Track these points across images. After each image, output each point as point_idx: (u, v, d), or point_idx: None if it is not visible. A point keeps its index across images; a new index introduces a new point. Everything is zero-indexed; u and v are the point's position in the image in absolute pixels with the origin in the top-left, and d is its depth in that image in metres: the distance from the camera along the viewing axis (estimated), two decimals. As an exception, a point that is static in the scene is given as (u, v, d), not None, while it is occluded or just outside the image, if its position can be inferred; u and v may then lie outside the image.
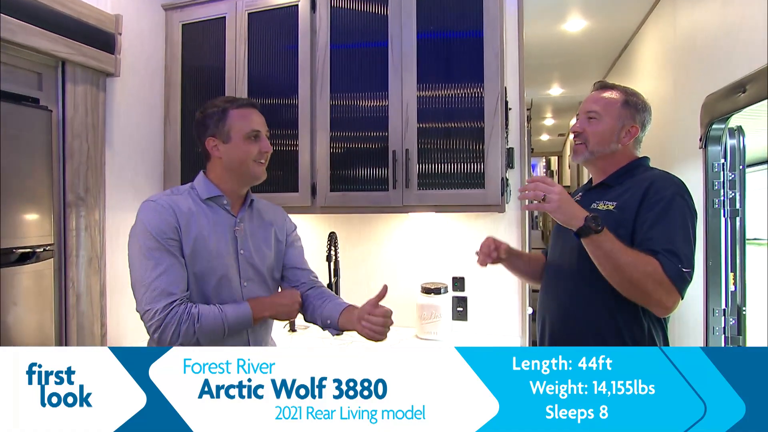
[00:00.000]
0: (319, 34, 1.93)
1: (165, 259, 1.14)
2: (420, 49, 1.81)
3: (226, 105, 1.25)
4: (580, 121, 1.32)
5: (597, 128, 1.28)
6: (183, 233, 1.18)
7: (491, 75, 1.73)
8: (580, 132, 1.30)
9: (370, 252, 2.17)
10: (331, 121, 1.91)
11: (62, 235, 1.66)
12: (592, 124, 1.29)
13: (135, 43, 1.99)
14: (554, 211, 1.12)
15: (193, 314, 1.13)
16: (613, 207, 1.22)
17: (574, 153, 1.34)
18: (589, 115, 1.30)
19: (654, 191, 1.17)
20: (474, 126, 1.76)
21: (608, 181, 1.30)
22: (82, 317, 1.70)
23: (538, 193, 1.14)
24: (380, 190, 1.84)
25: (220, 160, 1.26)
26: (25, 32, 1.49)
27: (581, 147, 1.30)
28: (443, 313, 1.94)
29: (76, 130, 1.67)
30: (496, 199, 1.73)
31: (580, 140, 1.30)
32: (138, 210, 1.20)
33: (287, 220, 1.44)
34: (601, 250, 1.11)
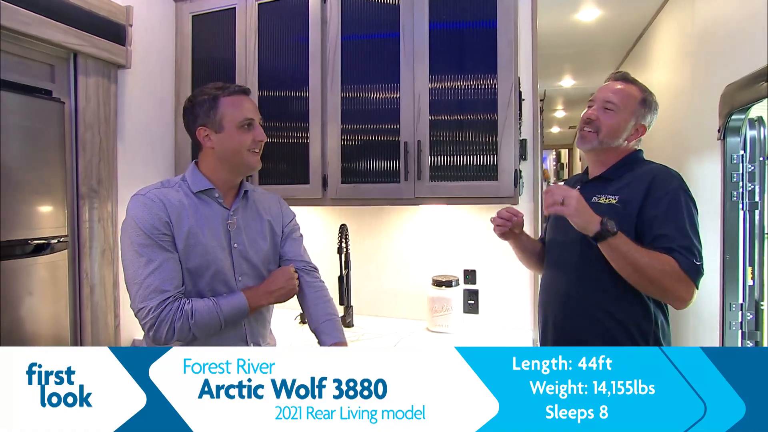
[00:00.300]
0: (330, 25, 1.91)
1: (157, 255, 1.11)
2: (432, 40, 1.79)
3: (216, 92, 1.20)
4: (596, 108, 1.29)
5: (612, 120, 1.26)
6: (174, 227, 1.14)
7: (505, 64, 1.71)
8: (593, 120, 1.27)
9: (381, 244, 2.16)
10: (342, 113, 1.90)
11: (76, 227, 1.67)
12: (608, 114, 1.26)
13: (145, 35, 1.99)
14: (571, 214, 1.12)
15: (187, 311, 1.10)
16: (616, 201, 1.22)
17: (581, 139, 1.31)
18: (607, 106, 1.27)
19: (657, 186, 1.18)
20: (487, 117, 1.73)
21: (607, 174, 1.29)
22: (96, 308, 1.72)
23: (557, 197, 1.13)
24: (392, 182, 1.83)
25: (212, 150, 1.21)
26: (38, 24, 1.49)
27: (592, 135, 1.28)
28: (454, 306, 1.93)
29: (88, 122, 1.68)
30: (510, 191, 1.71)
31: (592, 128, 1.28)
32: (127, 205, 1.16)
33: (284, 209, 1.38)
34: (618, 252, 1.12)
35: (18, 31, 1.44)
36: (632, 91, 1.28)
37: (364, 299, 2.16)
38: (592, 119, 1.28)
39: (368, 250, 2.17)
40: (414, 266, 2.11)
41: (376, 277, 2.16)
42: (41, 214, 1.54)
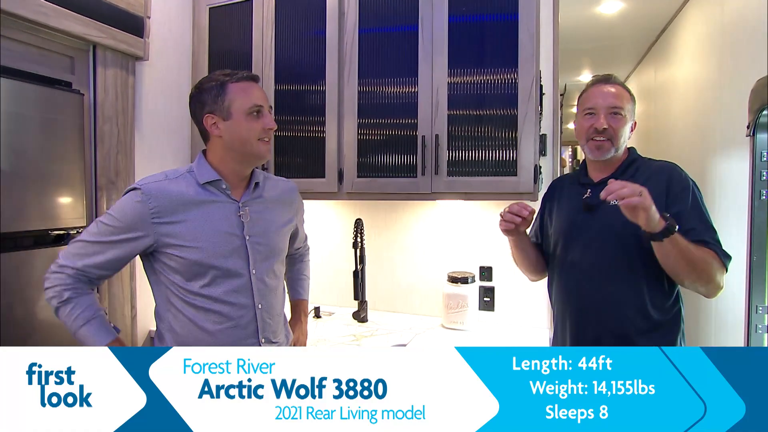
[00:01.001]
0: (348, 18, 1.88)
1: (109, 247, 1.13)
2: (451, 33, 1.75)
3: (224, 79, 1.17)
4: (604, 117, 1.26)
5: (622, 125, 1.27)
6: (167, 223, 1.14)
7: (526, 58, 1.67)
8: (607, 128, 1.25)
9: (396, 239, 2.14)
10: (358, 107, 1.88)
11: (94, 218, 1.67)
12: (617, 120, 1.26)
13: (163, 27, 1.99)
14: (647, 208, 1.07)
15: (64, 295, 1.12)
16: None
17: (597, 150, 1.28)
18: (614, 111, 1.26)
19: (675, 182, 1.22)
20: (507, 111, 1.70)
21: (618, 176, 1.27)
22: (113, 299, 1.73)
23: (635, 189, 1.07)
24: (409, 177, 1.81)
25: (220, 139, 1.18)
26: (58, 15, 1.49)
27: (608, 144, 1.26)
28: (470, 303, 1.90)
29: (106, 114, 1.68)
30: (529, 186, 1.68)
31: (605, 137, 1.26)
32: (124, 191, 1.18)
33: (297, 197, 1.38)
34: (677, 248, 1.11)
35: (38, 22, 1.44)
36: (625, 93, 1.30)
37: (378, 294, 2.15)
38: (605, 128, 1.26)
39: (383, 245, 2.15)
40: (430, 262, 2.09)
41: (391, 273, 2.15)
42: (61, 205, 1.56)
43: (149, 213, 1.13)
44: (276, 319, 1.29)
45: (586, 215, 1.29)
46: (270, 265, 1.25)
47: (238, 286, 1.19)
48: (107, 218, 1.15)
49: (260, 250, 1.23)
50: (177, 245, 1.15)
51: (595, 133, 1.27)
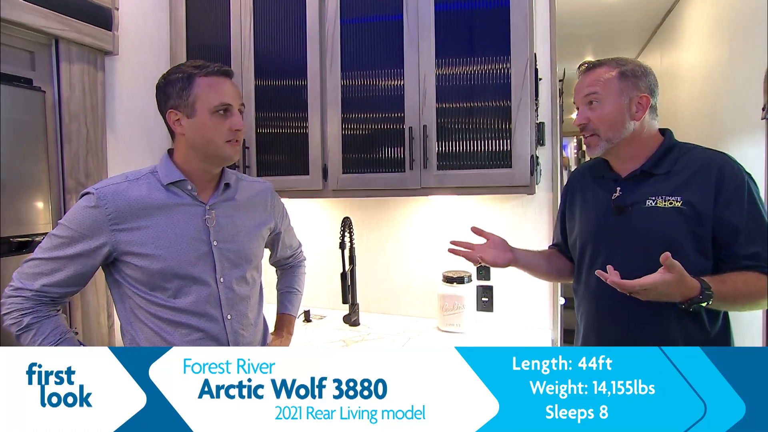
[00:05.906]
0: (329, 7, 1.78)
1: (67, 262, 1.03)
2: (438, 22, 1.64)
3: (193, 71, 1.07)
4: (581, 110, 1.15)
5: (603, 111, 1.11)
6: (127, 229, 1.04)
7: (519, 40, 1.55)
8: (586, 123, 1.13)
9: (387, 238, 2.04)
10: (342, 100, 1.77)
11: (63, 223, 1.59)
12: (595, 108, 1.12)
13: (136, 20, 1.89)
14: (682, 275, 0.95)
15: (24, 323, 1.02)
16: (680, 203, 1.06)
17: (588, 148, 1.16)
18: (589, 99, 1.13)
19: (727, 183, 1.05)
20: (499, 97, 1.58)
21: (648, 168, 1.11)
22: (87, 308, 1.64)
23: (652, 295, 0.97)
24: (396, 172, 1.70)
25: (183, 137, 1.08)
26: (14, 8, 1.40)
27: (594, 139, 1.13)
28: (467, 304, 1.79)
29: (73, 112, 1.59)
30: (525, 179, 1.56)
31: (589, 131, 1.13)
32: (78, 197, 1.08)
33: (274, 199, 1.27)
34: (722, 304, 1.03)
35: (-8, 15, 1.35)
36: (603, 72, 1.13)
37: (370, 296, 2.05)
38: (585, 123, 1.13)
39: (374, 244, 2.05)
40: (423, 261, 1.98)
41: (383, 273, 2.04)
42: (25, 209, 1.46)
43: (107, 219, 1.04)
44: (250, 329, 1.20)
45: (618, 218, 1.13)
46: (241, 272, 1.16)
47: (205, 296, 1.10)
48: (60, 229, 1.05)
49: (229, 257, 1.13)
50: (138, 254, 1.06)
51: (581, 131, 1.15)
